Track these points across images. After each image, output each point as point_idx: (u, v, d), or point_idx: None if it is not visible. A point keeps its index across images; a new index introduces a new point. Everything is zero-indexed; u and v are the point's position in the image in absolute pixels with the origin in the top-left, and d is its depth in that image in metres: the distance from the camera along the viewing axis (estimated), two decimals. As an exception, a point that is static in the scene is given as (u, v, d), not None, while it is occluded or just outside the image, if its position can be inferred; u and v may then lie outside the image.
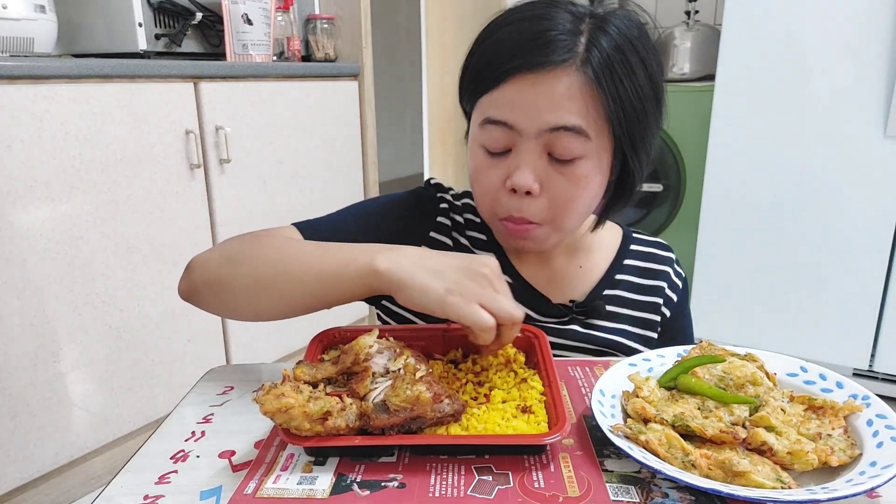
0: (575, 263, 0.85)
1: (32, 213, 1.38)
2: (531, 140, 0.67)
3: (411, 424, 0.52)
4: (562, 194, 0.69)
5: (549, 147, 0.68)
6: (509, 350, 0.66)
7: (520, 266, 0.83)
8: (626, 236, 0.89)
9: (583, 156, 0.68)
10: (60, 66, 1.41)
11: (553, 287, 0.83)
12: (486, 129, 0.70)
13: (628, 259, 0.86)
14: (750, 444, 0.51)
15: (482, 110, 0.70)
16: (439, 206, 0.85)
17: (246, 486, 0.49)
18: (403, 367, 0.57)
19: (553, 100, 0.65)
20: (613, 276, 0.85)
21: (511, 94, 0.67)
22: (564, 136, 0.66)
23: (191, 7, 1.84)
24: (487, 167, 0.71)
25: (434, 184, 0.88)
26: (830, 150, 1.87)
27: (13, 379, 1.39)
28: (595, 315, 0.82)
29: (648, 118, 0.70)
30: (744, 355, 0.62)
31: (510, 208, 0.71)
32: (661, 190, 2.59)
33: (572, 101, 0.66)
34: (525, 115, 0.66)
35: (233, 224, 1.84)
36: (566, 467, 0.51)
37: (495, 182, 0.71)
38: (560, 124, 0.66)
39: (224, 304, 0.69)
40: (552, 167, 0.69)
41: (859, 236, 1.88)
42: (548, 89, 0.65)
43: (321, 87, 2.10)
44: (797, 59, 1.87)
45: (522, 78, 0.66)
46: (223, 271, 0.68)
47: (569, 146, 0.67)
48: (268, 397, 0.50)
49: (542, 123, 0.66)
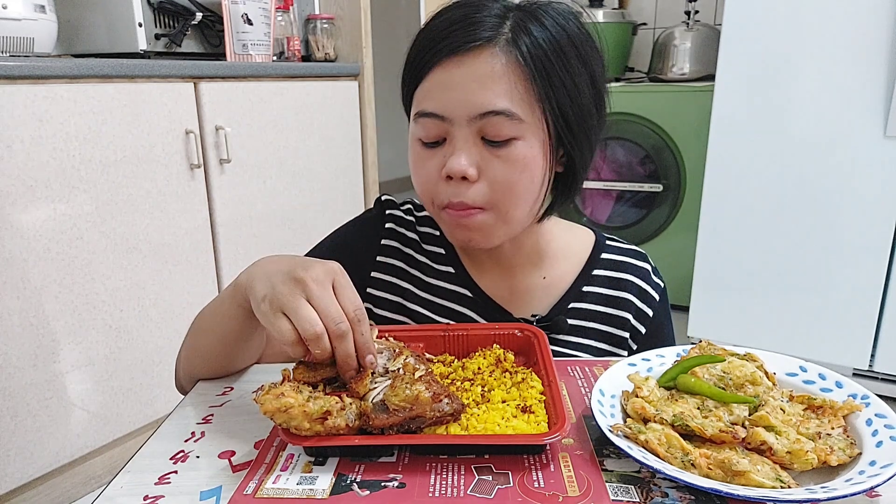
0: (538, 274, 0.81)
1: (32, 213, 1.38)
2: (463, 128, 0.67)
3: (411, 424, 0.52)
4: (500, 178, 0.67)
5: (482, 132, 0.67)
6: (498, 350, 0.66)
7: (480, 278, 0.81)
8: (597, 244, 0.84)
9: (517, 136, 0.67)
10: (60, 66, 1.41)
11: (515, 300, 0.80)
12: (419, 123, 0.70)
13: (598, 269, 0.82)
14: (749, 444, 0.51)
15: (416, 104, 0.70)
16: (385, 226, 0.83)
17: (246, 487, 0.49)
18: (403, 367, 0.57)
19: (478, 80, 0.65)
20: (580, 287, 0.81)
21: (438, 79, 0.67)
22: (494, 120, 0.65)
23: (191, 7, 1.84)
24: (423, 159, 0.71)
25: (384, 201, 0.85)
26: (830, 150, 1.87)
27: (13, 379, 1.39)
28: (557, 330, 0.79)
29: (584, 103, 0.68)
30: (743, 355, 0.62)
31: (449, 195, 0.69)
32: (661, 190, 2.59)
33: (498, 80, 0.65)
34: (453, 103, 0.66)
35: (233, 224, 1.84)
36: (566, 467, 0.51)
37: (432, 172, 0.70)
38: (488, 109, 0.65)
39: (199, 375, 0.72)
40: (488, 151, 0.67)
41: (859, 236, 1.88)
42: (471, 70, 0.65)
43: (321, 87, 2.10)
44: (797, 59, 1.87)
45: (448, 61, 0.66)
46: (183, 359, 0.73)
47: (500, 128, 0.66)
48: (268, 397, 0.50)
49: (470, 110, 0.66)
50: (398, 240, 0.83)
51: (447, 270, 0.82)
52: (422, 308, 0.81)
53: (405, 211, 0.85)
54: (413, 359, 0.59)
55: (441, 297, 0.81)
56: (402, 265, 0.82)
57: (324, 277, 0.55)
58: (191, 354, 0.72)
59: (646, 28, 2.93)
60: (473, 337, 0.68)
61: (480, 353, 0.66)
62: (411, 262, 0.82)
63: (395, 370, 0.57)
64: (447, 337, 0.68)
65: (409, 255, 0.83)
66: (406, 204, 0.86)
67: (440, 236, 0.83)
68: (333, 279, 0.56)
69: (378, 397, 0.54)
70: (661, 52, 2.68)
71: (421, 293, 0.82)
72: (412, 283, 0.82)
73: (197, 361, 0.71)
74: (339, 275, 0.56)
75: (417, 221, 0.84)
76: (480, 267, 0.82)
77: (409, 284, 0.82)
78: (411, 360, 0.58)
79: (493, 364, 0.64)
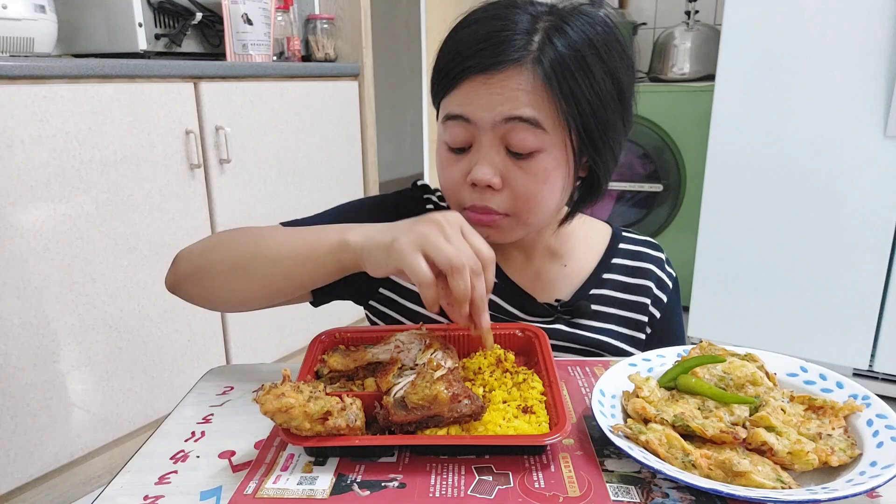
0: (560, 263, 0.84)
1: (32, 213, 1.38)
2: (488, 133, 0.68)
3: (429, 423, 0.53)
4: (522, 189, 0.70)
5: (506, 140, 0.68)
6: (498, 350, 0.66)
7: (505, 265, 0.82)
8: (615, 235, 0.88)
9: (540, 149, 0.68)
10: (60, 66, 1.40)
11: (538, 286, 0.83)
12: (447, 126, 0.71)
13: (616, 258, 0.86)
14: (750, 444, 0.51)
15: (444, 109, 0.72)
16: (425, 207, 0.85)
17: (246, 487, 0.49)
18: (426, 364, 0.57)
19: (505, 94, 0.67)
20: (601, 274, 0.84)
21: (465, 90, 0.68)
22: (519, 128, 0.67)
23: (191, 7, 1.84)
24: (450, 163, 0.72)
25: (421, 185, 0.88)
26: (830, 150, 1.87)
27: (13, 379, 1.39)
28: (580, 314, 0.81)
29: (609, 116, 0.70)
30: (744, 355, 0.62)
31: (473, 199, 0.71)
32: (661, 190, 2.59)
33: (525, 94, 0.67)
34: (480, 108, 0.68)
35: (233, 224, 1.84)
36: (566, 467, 0.51)
37: (457, 177, 0.72)
38: (514, 114, 0.67)
39: (205, 291, 0.72)
40: (512, 162, 0.69)
41: (859, 236, 1.88)
42: (499, 87, 0.67)
43: (321, 87, 2.10)
44: (797, 59, 1.87)
45: (475, 79, 0.67)
46: (203, 259, 0.72)
47: (524, 139, 0.67)
48: (268, 397, 0.50)
49: (496, 115, 0.67)
50: None
51: None
52: None
53: (439, 198, 0.87)
54: (441, 352, 0.59)
55: None
56: None
57: (455, 221, 0.60)
58: (222, 268, 0.70)
59: (646, 28, 2.93)
60: (474, 337, 0.68)
61: (481, 354, 0.66)
62: None
63: (421, 364, 0.57)
64: (448, 337, 0.68)
65: None
66: (437, 191, 0.88)
67: None
68: (461, 225, 0.60)
69: (399, 393, 0.54)
70: (661, 52, 2.68)
71: None
72: None
73: (231, 280, 0.69)
74: (464, 222, 0.61)
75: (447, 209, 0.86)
76: (504, 254, 0.83)
77: None
78: (438, 356, 0.58)
79: (494, 364, 0.64)
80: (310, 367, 0.62)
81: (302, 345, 2.11)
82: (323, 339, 0.67)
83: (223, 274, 0.70)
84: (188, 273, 0.72)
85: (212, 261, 0.71)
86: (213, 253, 0.72)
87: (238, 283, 0.69)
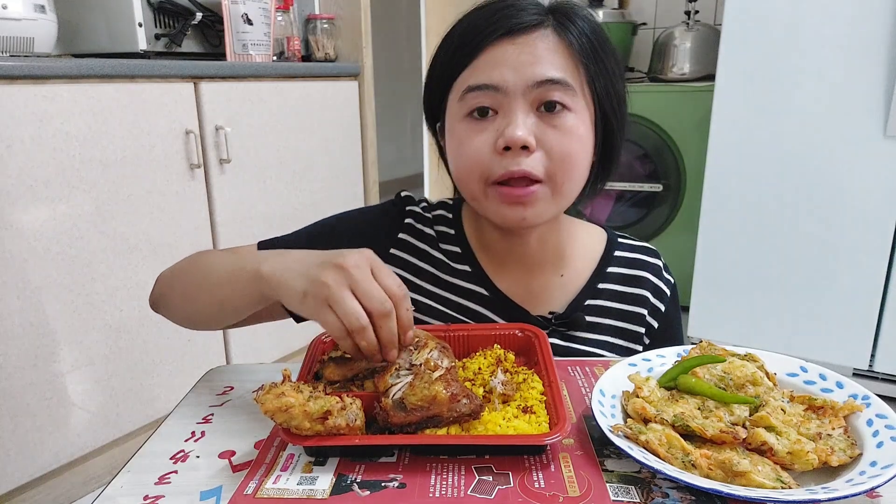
0: (557, 272, 0.82)
1: (32, 213, 1.38)
2: (518, 98, 0.68)
3: (428, 423, 0.52)
4: (556, 147, 0.68)
5: (538, 101, 0.68)
6: (498, 350, 0.66)
7: (497, 277, 0.81)
8: (610, 242, 0.85)
9: (571, 108, 0.69)
10: (60, 66, 1.40)
11: (532, 298, 0.81)
12: (467, 99, 0.70)
13: (612, 266, 0.83)
14: (750, 444, 0.51)
15: (462, 83, 0.70)
16: (404, 221, 0.83)
17: (246, 487, 0.49)
18: (423, 364, 0.57)
19: (536, 54, 0.67)
20: (596, 285, 0.82)
21: (492, 56, 0.68)
22: (552, 87, 0.67)
23: (191, 7, 1.84)
24: (475, 133, 0.69)
25: (404, 197, 0.86)
26: (830, 150, 1.87)
27: (13, 379, 1.39)
28: (575, 327, 0.80)
29: (620, 90, 0.73)
30: (744, 355, 0.62)
31: (506, 165, 0.68)
32: (661, 190, 2.59)
33: (552, 55, 0.68)
34: (510, 73, 0.67)
35: (232, 224, 1.84)
36: (566, 467, 0.51)
37: (484, 147, 0.69)
38: (546, 77, 0.67)
39: (172, 313, 0.78)
40: (544, 122, 0.69)
41: (859, 236, 1.88)
42: (528, 47, 0.68)
43: (321, 87, 2.10)
44: (797, 59, 1.87)
45: (501, 40, 0.68)
46: (167, 285, 0.77)
47: (557, 98, 0.68)
48: (268, 397, 0.50)
49: (527, 78, 0.67)
50: (415, 235, 0.83)
51: (463, 269, 0.82)
52: (434, 303, 0.81)
53: (423, 208, 0.85)
54: (437, 352, 0.59)
55: (456, 294, 0.81)
56: (416, 261, 0.83)
57: (363, 263, 0.56)
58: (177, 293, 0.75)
59: (646, 28, 2.93)
60: (474, 337, 0.68)
61: (481, 354, 0.66)
62: (426, 258, 0.83)
63: (417, 365, 0.57)
64: (448, 337, 0.68)
65: (424, 250, 0.83)
66: (422, 202, 0.87)
67: (455, 235, 0.83)
68: (371, 264, 0.57)
69: (398, 395, 0.54)
70: (661, 52, 2.68)
71: (434, 289, 0.82)
72: (425, 279, 0.82)
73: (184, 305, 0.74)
74: (374, 259, 0.58)
75: (433, 220, 0.85)
76: (499, 266, 0.82)
77: (420, 280, 0.82)
78: (434, 355, 0.58)
79: (494, 364, 0.64)
80: (310, 367, 0.62)
81: (302, 345, 2.11)
82: (324, 340, 0.67)
83: (179, 298, 0.75)
84: (161, 294, 0.78)
85: (171, 286, 0.76)
86: (173, 279, 0.76)
87: (190, 308, 0.74)
